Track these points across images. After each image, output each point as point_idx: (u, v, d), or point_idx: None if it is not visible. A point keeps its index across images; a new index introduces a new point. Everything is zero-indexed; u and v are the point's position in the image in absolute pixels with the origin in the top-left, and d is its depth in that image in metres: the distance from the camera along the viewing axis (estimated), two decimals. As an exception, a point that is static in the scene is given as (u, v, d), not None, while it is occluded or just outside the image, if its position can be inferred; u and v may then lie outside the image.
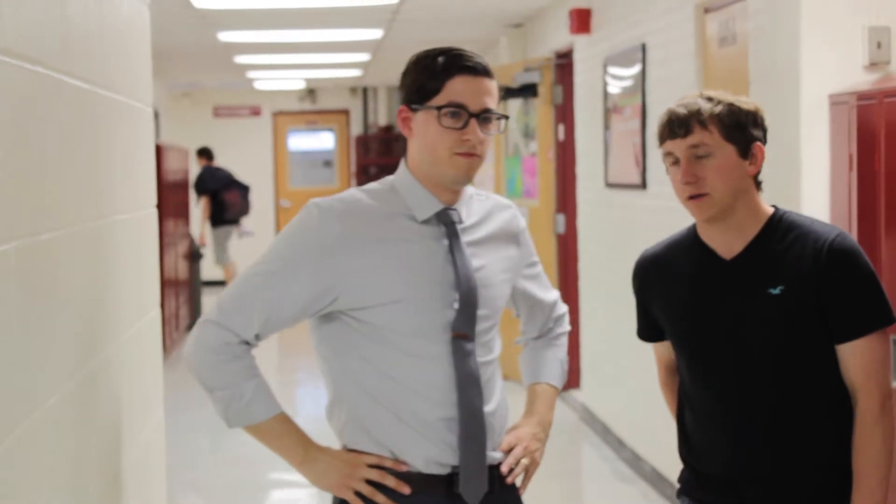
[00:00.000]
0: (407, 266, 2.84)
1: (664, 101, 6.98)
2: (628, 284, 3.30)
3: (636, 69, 7.46)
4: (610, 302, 8.21)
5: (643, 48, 7.30)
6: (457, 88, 2.84)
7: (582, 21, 8.72)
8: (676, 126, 2.98)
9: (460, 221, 2.92)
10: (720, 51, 6.15)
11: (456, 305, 2.86)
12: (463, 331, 2.86)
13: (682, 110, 2.99)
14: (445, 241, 2.89)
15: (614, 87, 8.05)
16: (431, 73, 2.85)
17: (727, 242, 3.02)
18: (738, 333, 2.99)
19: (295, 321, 2.87)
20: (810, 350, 2.97)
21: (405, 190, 2.91)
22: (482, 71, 2.87)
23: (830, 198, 4.86)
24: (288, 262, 2.83)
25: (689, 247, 3.10)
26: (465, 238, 2.92)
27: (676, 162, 2.99)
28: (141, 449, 3.56)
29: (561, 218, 10.05)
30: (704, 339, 3.03)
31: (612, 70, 8.10)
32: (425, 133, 2.86)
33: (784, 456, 2.98)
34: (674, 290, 3.09)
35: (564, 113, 9.88)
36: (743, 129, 2.99)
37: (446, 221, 2.90)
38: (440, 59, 2.86)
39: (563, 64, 9.88)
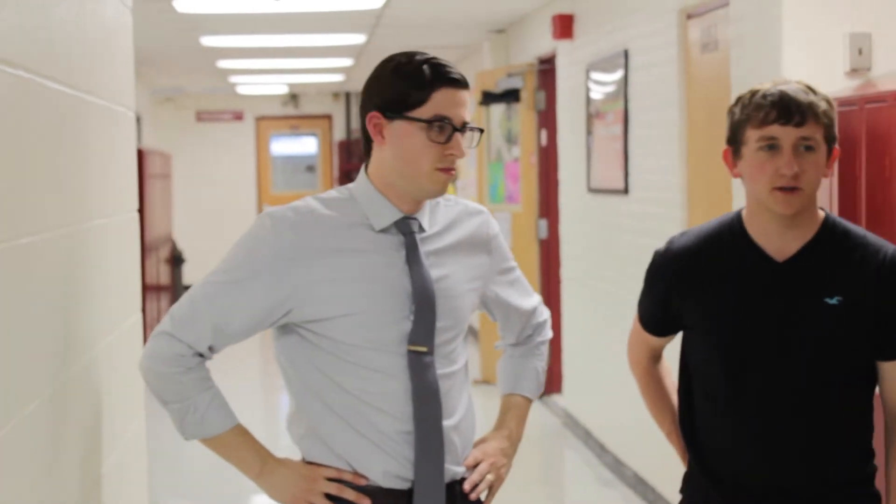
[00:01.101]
0: (362, 278, 2.77)
1: (647, 106, 7.00)
2: (611, 289, 3.22)
3: (619, 75, 7.48)
4: (592, 307, 8.21)
5: (626, 54, 7.32)
6: (441, 101, 2.76)
7: (565, 27, 8.74)
8: (793, 112, 2.82)
9: (421, 230, 2.84)
10: (702, 57, 6.16)
11: (412, 318, 2.79)
12: (420, 343, 2.79)
13: (800, 97, 2.83)
14: (403, 251, 2.81)
15: (597, 93, 8.06)
16: (417, 83, 2.76)
17: (783, 243, 2.90)
18: (785, 339, 2.88)
19: (249, 333, 2.81)
20: (855, 363, 2.89)
21: (363, 198, 2.83)
22: (463, 83, 2.80)
23: (812, 203, 4.87)
24: (240, 273, 2.77)
25: (732, 242, 2.94)
26: (427, 247, 2.84)
27: (772, 147, 2.83)
28: (121, 454, 3.55)
29: (543, 223, 10.06)
30: (747, 342, 2.90)
31: (595, 76, 8.12)
32: (405, 144, 2.77)
33: (817, 468, 2.90)
34: (717, 287, 2.94)
35: (547, 118, 9.89)
36: (834, 129, 2.89)
37: (405, 231, 2.82)
38: (425, 68, 2.76)
39: (546, 69, 9.89)
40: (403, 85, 2.77)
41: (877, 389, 2.99)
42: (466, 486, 2.90)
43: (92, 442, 3.16)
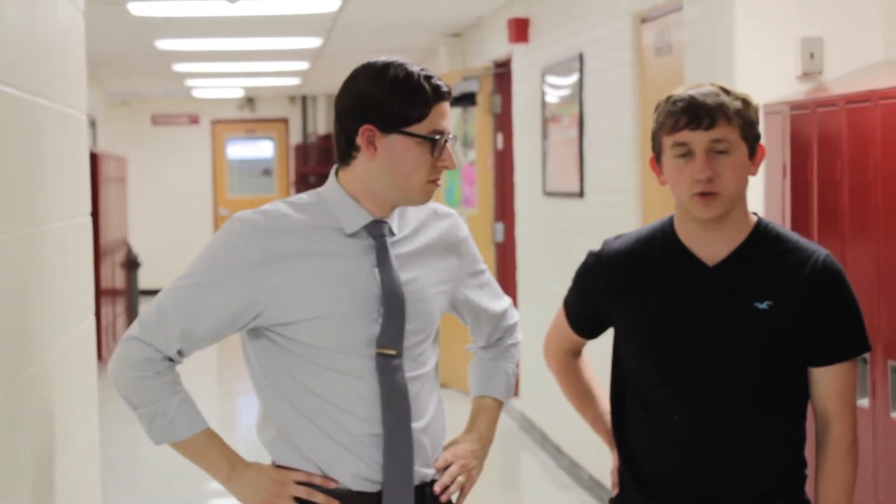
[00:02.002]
0: (331, 281, 2.77)
1: (602, 110, 7.03)
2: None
3: (574, 78, 7.50)
4: (548, 310, 8.22)
5: (581, 58, 7.34)
6: (437, 116, 2.76)
7: (520, 30, 8.76)
8: (702, 116, 2.79)
9: (391, 234, 2.84)
10: (656, 60, 6.19)
11: (380, 321, 2.79)
12: (389, 346, 2.79)
13: (709, 100, 2.80)
14: (373, 255, 2.81)
15: (552, 97, 8.09)
16: (419, 101, 2.74)
17: (712, 247, 2.87)
18: (716, 345, 2.85)
19: (218, 337, 2.81)
20: (785, 369, 2.86)
21: (333, 202, 2.82)
22: (450, 95, 2.81)
23: (764, 205, 4.91)
24: (210, 277, 2.77)
25: (664, 246, 2.92)
26: (396, 251, 2.83)
27: (687, 154, 2.82)
28: (74, 458, 3.53)
29: (500, 226, 10.08)
30: (678, 348, 2.88)
31: (550, 79, 8.14)
32: (402, 158, 2.76)
33: (746, 476, 2.87)
34: (647, 291, 2.92)
35: (503, 122, 9.92)
36: (754, 128, 2.85)
37: (375, 234, 2.82)
38: (425, 85, 2.75)
39: (502, 73, 9.91)
40: (404, 102, 2.74)
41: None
42: (437, 488, 2.89)
43: (44, 446, 3.15)
